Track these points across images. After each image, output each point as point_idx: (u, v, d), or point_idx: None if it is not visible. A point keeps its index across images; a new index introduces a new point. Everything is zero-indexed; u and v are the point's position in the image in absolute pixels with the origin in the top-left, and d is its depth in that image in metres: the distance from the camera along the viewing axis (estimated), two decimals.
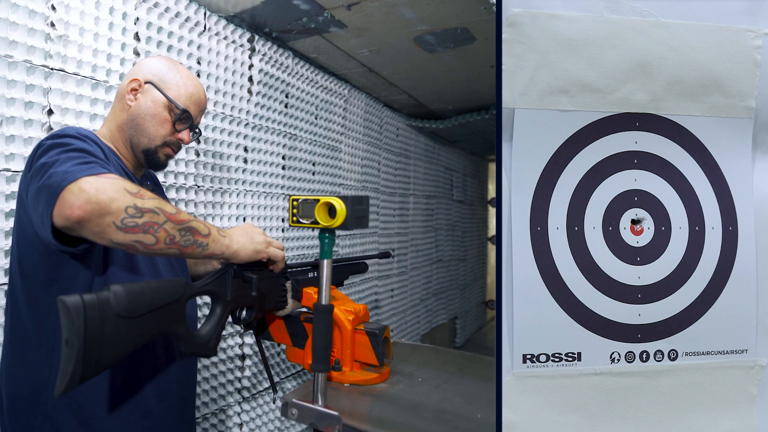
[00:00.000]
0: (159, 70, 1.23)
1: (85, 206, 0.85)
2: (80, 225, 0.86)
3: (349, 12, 2.07)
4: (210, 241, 1.01)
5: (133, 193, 0.91)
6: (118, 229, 0.88)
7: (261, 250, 1.11)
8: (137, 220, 0.89)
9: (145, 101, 1.20)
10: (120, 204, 0.87)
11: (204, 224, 1.01)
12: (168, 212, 0.94)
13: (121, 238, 0.89)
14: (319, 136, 2.77)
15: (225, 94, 2.10)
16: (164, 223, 0.93)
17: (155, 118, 1.21)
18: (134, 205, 0.89)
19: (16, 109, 1.37)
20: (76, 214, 0.85)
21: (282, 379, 2.51)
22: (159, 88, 1.21)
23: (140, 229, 0.90)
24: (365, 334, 1.23)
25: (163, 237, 0.93)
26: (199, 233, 0.99)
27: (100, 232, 0.87)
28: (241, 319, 1.19)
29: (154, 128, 1.21)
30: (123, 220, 0.87)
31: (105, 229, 0.87)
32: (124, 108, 1.22)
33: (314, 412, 1.04)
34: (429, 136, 4.30)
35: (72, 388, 0.79)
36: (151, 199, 0.93)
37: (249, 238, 1.10)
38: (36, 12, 1.40)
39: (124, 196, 0.88)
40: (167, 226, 0.93)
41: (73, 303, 0.78)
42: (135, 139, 1.21)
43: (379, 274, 3.47)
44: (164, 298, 0.91)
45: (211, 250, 1.01)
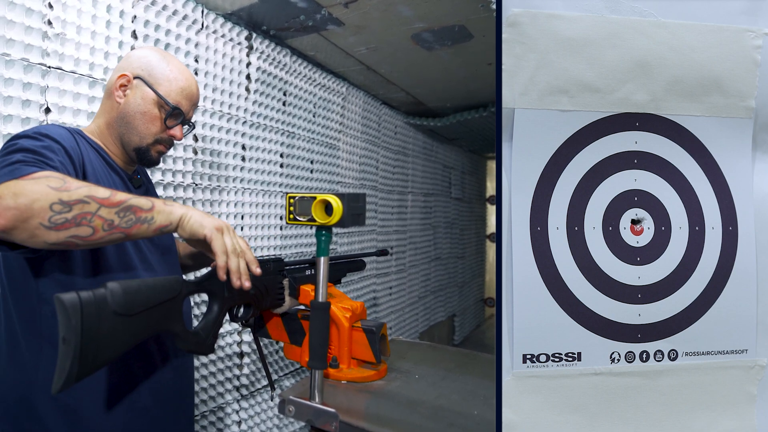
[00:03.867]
0: (148, 64, 1.18)
1: (6, 213, 0.79)
2: (8, 233, 0.81)
3: (347, 9, 2.06)
4: (155, 214, 0.93)
5: (58, 187, 0.84)
6: (49, 229, 0.82)
7: (206, 225, 0.97)
8: (66, 215, 0.83)
9: (134, 98, 1.17)
10: (42, 203, 0.81)
11: (146, 198, 0.94)
12: (100, 197, 0.87)
13: (54, 237, 0.83)
14: (317, 134, 2.77)
15: (223, 92, 2.10)
16: (98, 210, 0.86)
17: (145, 115, 1.17)
18: (59, 200, 0.83)
19: (14, 108, 1.36)
20: (1, 223, 0.79)
21: (280, 377, 2.51)
22: (148, 83, 1.17)
23: (72, 223, 0.84)
24: (362, 331, 1.24)
25: (99, 225, 0.87)
26: (141, 209, 0.92)
27: (30, 237, 0.82)
28: (239, 316, 1.19)
29: (144, 126, 1.18)
30: (50, 219, 0.82)
31: (34, 232, 0.81)
32: (113, 105, 1.18)
33: (311, 409, 1.04)
34: (427, 133, 4.29)
35: (69, 385, 0.79)
36: (78, 189, 0.86)
37: (201, 215, 0.99)
38: (33, 10, 1.39)
39: (47, 194, 0.82)
40: (102, 212, 0.87)
41: (70, 300, 0.78)
42: (125, 137, 1.18)
43: (377, 271, 3.47)
44: (161, 295, 0.91)
45: (158, 223, 0.94)
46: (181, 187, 1.91)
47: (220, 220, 1.00)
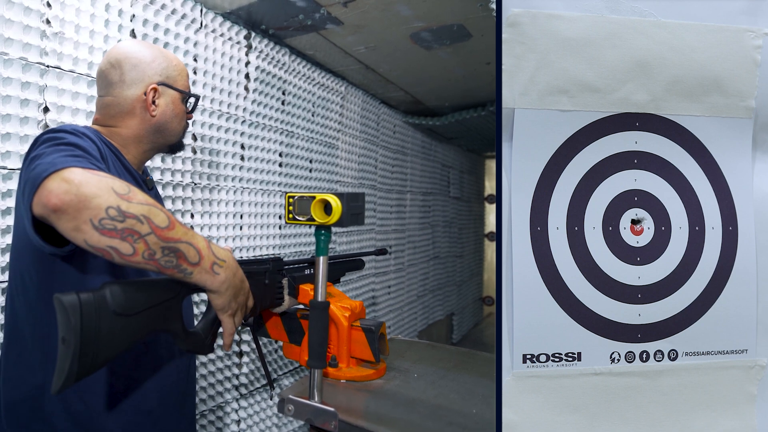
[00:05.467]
0: (160, 66, 1.18)
1: (64, 196, 0.77)
2: (56, 215, 0.79)
3: (346, 9, 2.06)
4: (196, 272, 0.90)
5: (121, 194, 0.82)
6: (94, 229, 0.79)
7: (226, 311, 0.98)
8: (117, 223, 0.80)
9: (167, 105, 1.18)
10: (101, 201, 0.79)
11: (198, 250, 0.89)
12: (155, 224, 0.84)
13: (96, 239, 0.80)
14: (316, 133, 2.76)
15: (222, 92, 2.10)
16: (147, 235, 0.83)
17: (178, 116, 1.22)
18: (117, 207, 0.80)
19: (12, 107, 1.36)
20: (53, 202, 0.77)
21: (279, 376, 2.51)
22: (169, 85, 1.18)
23: (118, 235, 0.80)
24: (361, 330, 1.24)
25: (141, 250, 0.82)
26: (186, 259, 0.88)
27: (74, 228, 0.79)
28: None
29: (179, 124, 1.23)
30: (101, 221, 0.79)
31: (80, 225, 0.79)
32: (145, 118, 1.17)
33: (310, 408, 1.04)
34: (426, 133, 4.29)
35: (68, 385, 0.79)
36: (140, 205, 0.83)
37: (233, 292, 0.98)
38: (31, 9, 1.39)
39: (109, 195, 0.80)
40: (150, 239, 0.83)
41: (70, 301, 0.78)
42: (162, 141, 1.21)
43: (376, 271, 3.47)
44: (160, 295, 0.91)
45: (194, 280, 0.90)
46: (180, 187, 1.90)
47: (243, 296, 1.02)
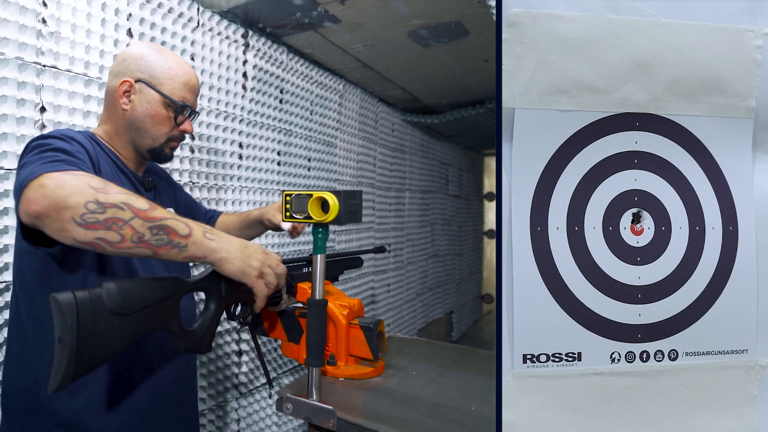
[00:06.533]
0: (147, 64, 1.17)
1: (42, 201, 0.81)
2: (40, 220, 0.83)
3: (343, 7, 2.05)
4: (189, 243, 0.92)
5: (97, 188, 0.85)
6: (78, 225, 0.83)
7: (248, 274, 0.99)
8: (98, 215, 0.83)
9: (140, 103, 1.16)
10: (79, 199, 0.83)
11: (185, 223, 0.93)
12: (137, 208, 0.87)
13: (83, 235, 0.83)
14: (314, 131, 2.76)
15: (219, 90, 2.09)
16: (131, 220, 0.86)
17: (155, 118, 1.18)
18: (95, 200, 0.84)
19: (8, 107, 1.35)
20: (34, 209, 0.82)
21: (279, 375, 2.51)
22: (151, 85, 1.16)
23: (102, 226, 0.84)
24: (360, 328, 1.24)
25: (129, 234, 0.86)
26: (176, 232, 0.91)
27: (60, 229, 0.83)
28: (236, 314, 1.19)
29: (155, 128, 1.18)
30: (83, 216, 0.82)
31: (65, 225, 0.82)
32: (119, 112, 1.18)
33: (309, 406, 1.04)
34: (424, 130, 4.29)
35: (65, 385, 0.79)
36: (117, 194, 0.87)
37: (243, 254, 0.99)
38: (27, 8, 1.38)
39: (85, 191, 0.84)
40: (134, 222, 0.86)
41: (66, 300, 0.78)
42: (138, 141, 1.19)
43: (375, 269, 3.47)
44: (157, 294, 0.90)
45: (190, 252, 0.93)
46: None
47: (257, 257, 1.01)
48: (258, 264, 1.01)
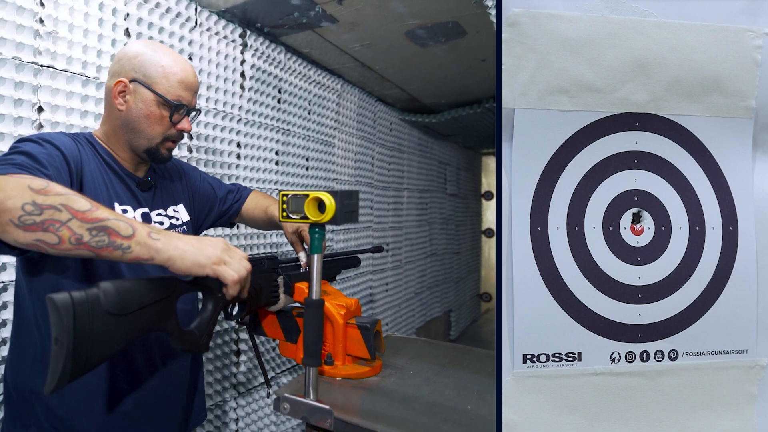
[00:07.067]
0: (141, 63, 1.16)
1: None
2: None
3: (341, 6, 2.05)
4: (133, 244, 0.88)
5: (37, 189, 0.85)
6: (17, 228, 0.82)
7: (205, 265, 0.93)
8: (35, 217, 0.83)
9: (135, 103, 1.16)
10: (15, 202, 0.82)
11: (130, 224, 0.89)
12: (74, 209, 0.85)
13: (22, 237, 0.83)
14: (312, 131, 2.76)
15: (217, 90, 2.08)
16: (68, 221, 0.85)
17: (149, 118, 1.17)
18: (33, 202, 0.83)
19: (6, 107, 1.35)
20: None
21: (277, 374, 2.50)
22: (146, 84, 1.15)
23: (39, 227, 0.83)
24: (357, 328, 1.24)
25: (66, 236, 0.85)
26: (118, 233, 0.87)
27: (3, 232, 0.83)
28: (234, 314, 1.19)
29: (150, 128, 1.17)
30: (20, 218, 0.82)
31: (4, 227, 0.83)
32: (115, 113, 1.18)
33: (306, 406, 1.04)
34: (422, 130, 4.29)
35: (62, 386, 0.79)
36: (56, 196, 0.85)
37: (196, 248, 0.94)
38: (24, 8, 1.38)
39: (23, 194, 0.83)
40: (72, 224, 0.85)
41: (62, 301, 0.77)
42: (134, 141, 1.18)
43: (373, 268, 3.47)
44: (154, 294, 0.90)
45: (135, 254, 0.89)
46: None
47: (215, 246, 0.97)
48: (217, 252, 0.96)
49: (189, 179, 1.43)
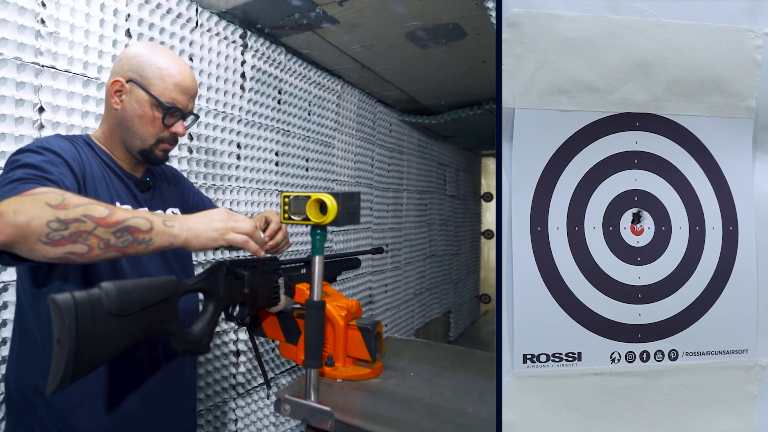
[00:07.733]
0: (138, 64, 1.17)
1: (6, 229, 0.83)
2: (10, 247, 0.85)
3: (341, 8, 2.05)
4: (153, 236, 0.94)
5: (55, 205, 0.87)
6: (46, 245, 0.85)
7: (216, 238, 1.01)
8: (63, 232, 0.86)
9: (130, 103, 1.16)
10: (40, 221, 0.84)
11: (146, 218, 0.95)
12: (96, 217, 0.90)
13: (52, 252, 0.86)
14: (312, 132, 2.76)
15: (218, 91, 2.09)
16: (94, 230, 0.89)
17: (143, 118, 1.17)
18: (56, 219, 0.86)
19: (7, 107, 1.35)
20: (1, 239, 0.83)
21: (277, 375, 2.50)
22: (141, 85, 1.15)
23: (68, 241, 0.87)
24: (358, 329, 1.24)
25: (95, 244, 0.89)
26: (140, 230, 0.93)
27: (30, 251, 0.85)
28: (234, 315, 1.18)
29: (143, 129, 1.17)
30: (48, 235, 0.85)
31: (33, 247, 0.85)
32: (111, 112, 1.18)
33: (307, 407, 1.04)
34: (422, 131, 4.29)
35: (63, 386, 0.79)
36: (75, 208, 0.89)
37: (204, 223, 1.01)
38: (26, 9, 1.38)
39: (44, 213, 0.85)
40: (98, 232, 0.89)
41: (64, 301, 0.78)
42: (128, 141, 1.19)
43: (373, 269, 3.47)
44: (156, 295, 0.91)
45: (156, 244, 0.95)
46: None
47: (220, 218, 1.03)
48: (221, 225, 1.03)
49: (182, 189, 1.43)
